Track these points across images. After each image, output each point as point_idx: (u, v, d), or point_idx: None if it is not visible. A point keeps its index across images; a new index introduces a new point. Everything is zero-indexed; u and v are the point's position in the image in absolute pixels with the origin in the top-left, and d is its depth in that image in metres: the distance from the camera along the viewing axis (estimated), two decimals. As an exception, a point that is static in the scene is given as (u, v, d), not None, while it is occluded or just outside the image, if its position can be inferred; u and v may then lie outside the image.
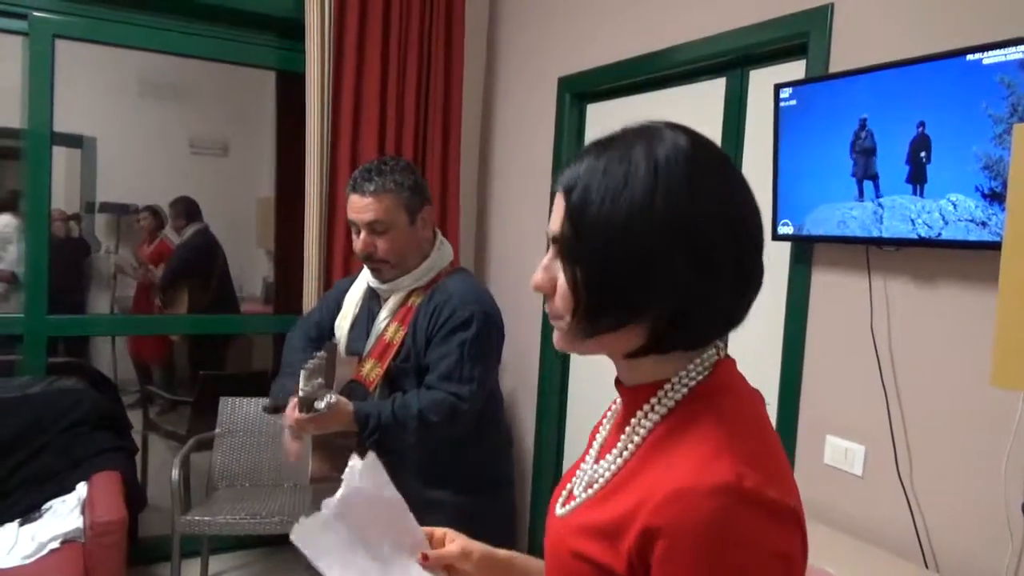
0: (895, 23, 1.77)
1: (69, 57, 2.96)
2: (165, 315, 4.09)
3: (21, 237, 3.07)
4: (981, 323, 1.58)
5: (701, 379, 0.73)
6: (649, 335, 0.72)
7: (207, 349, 4.03)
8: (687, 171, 0.69)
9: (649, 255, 0.68)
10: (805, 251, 1.98)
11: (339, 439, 1.78)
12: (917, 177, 1.61)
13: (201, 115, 4.26)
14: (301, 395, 1.60)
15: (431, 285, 1.85)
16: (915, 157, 1.61)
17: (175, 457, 2.78)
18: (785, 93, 1.90)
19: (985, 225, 1.49)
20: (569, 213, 0.72)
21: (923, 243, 1.62)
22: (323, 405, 1.61)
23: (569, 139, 2.88)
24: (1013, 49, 1.43)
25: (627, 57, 2.58)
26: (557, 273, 0.74)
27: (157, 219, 4.19)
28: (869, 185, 1.71)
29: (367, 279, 1.93)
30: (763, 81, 2.15)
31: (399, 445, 1.73)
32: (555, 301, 0.75)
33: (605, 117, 2.81)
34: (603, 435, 0.84)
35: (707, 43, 2.26)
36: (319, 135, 2.94)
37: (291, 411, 1.66)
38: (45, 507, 2.49)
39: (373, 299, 1.93)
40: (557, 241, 0.74)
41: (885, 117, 1.67)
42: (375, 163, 1.82)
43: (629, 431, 0.75)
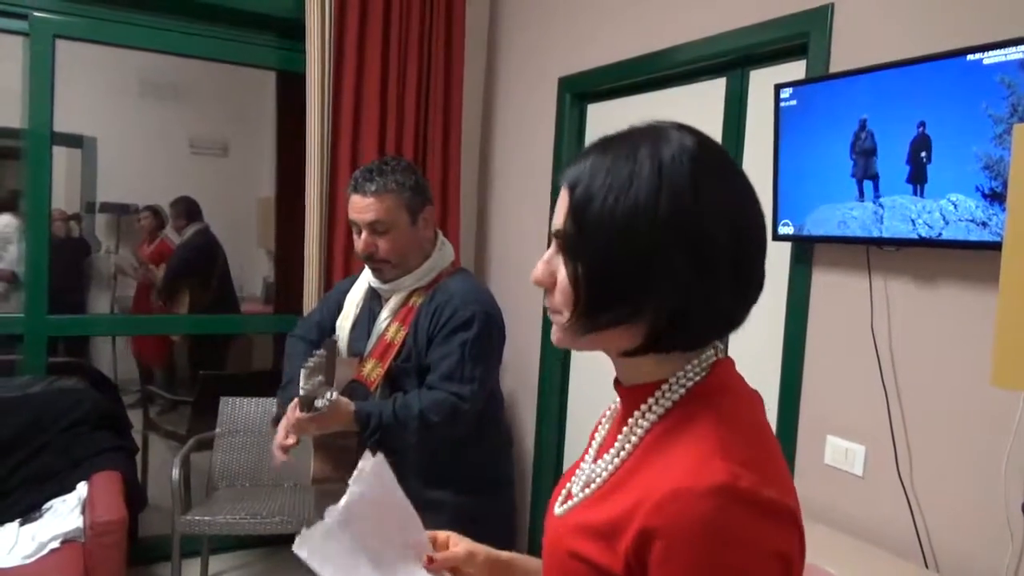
0: (895, 23, 1.77)
1: (69, 57, 2.96)
2: (165, 315, 4.09)
3: (21, 237, 3.07)
4: (981, 323, 1.58)
5: (699, 379, 0.74)
6: (648, 334, 0.72)
7: (207, 349, 4.02)
8: (692, 171, 0.69)
9: (650, 254, 0.68)
10: (805, 251, 1.98)
11: (340, 439, 1.78)
12: (917, 177, 1.61)
13: (201, 115, 4.26)
14: (302, 393, 1.59)
15: (432, 285, 1.85)
16: (915, 157, 1.61)
17: (175, 457, 2.78)
18: (785, 93, 1.90)
19: (985, 225, 1.49)
20: (573, 209, 0.72)
21: (923, 243, 1.62)
22: (323, 403, 1.61)
23: (569, 139, 2.88)
24: (1013, 49, 1.43)
25: (627, 57, 2.58)
26: (558, 268, 0.75)
27: (158, 219, 4.19)
28: (869, 185, 1.71)
29: (368, 279, 1.93)
30: (763, 81, 2.15)
31: (400, 445, 1.73)
32: (555, 295, 0.75)
33: (605, 117, 2.81)
34: (602, 435, 0.84)
35: (707, 43, 2.27)
36: (319, 135, 2.94)
37: (292, 411, 1.66)
38: (45, 507, 2.49)
39: (374, 299, 1.93)
40: (559, 236, 0.74)
41: (885, 117, 1.67)
42: (376, 163, 1.83)
43: (627, 431, 0.75)
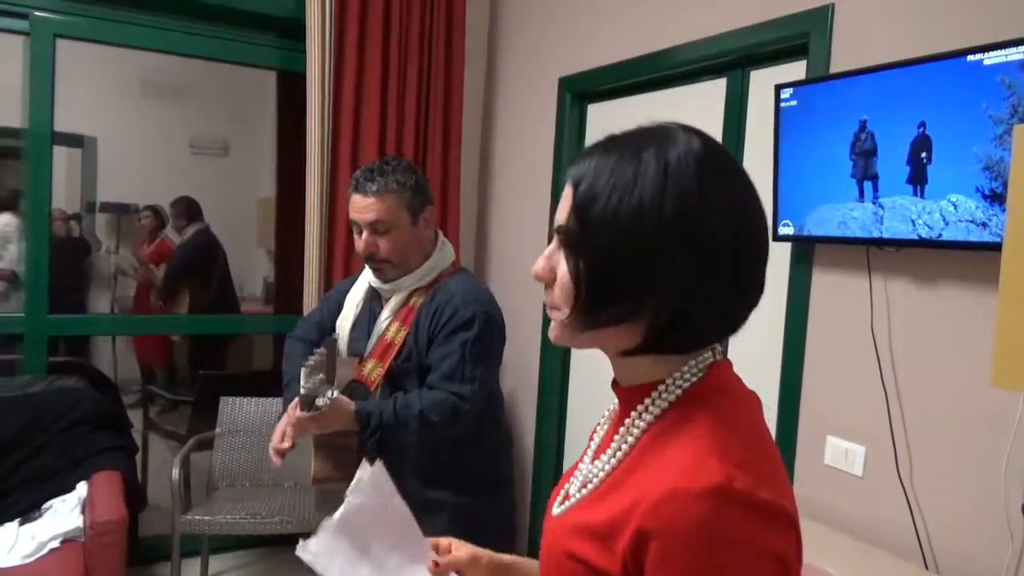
0: (896, 23, 1.77)
1: (70, 57, 2.96)
2: (165, 315, 4.09)
3: (22, 236, 3.07)
4: (981, 323, 1.58)
5: (696, 380, 0.74)
6: (647, 333, 0.72)
7: (207, 349, 4.03)
8: (697, 173, 0.69)
9: (653, 253, 0.68)
10: (806, 251, 1.98)
11: (340, 439, 1.78)
12: (918, 178, 1.61)
13: (202, 115, 4.27)
14: (302, 392, 1.59)
15: (433, 285, 1.85)
16: (916, 158, 1.61)
17: (175, 457, 2.78)
18: (786, 94, 1.90)
19: (985, 226, 1.49)
20: (576, 206, 0.72)
21: (923, 244, 1.62)
22: (324, 401, 1.60)
23: (570, 139, 2.88)
24: (1014, 50, 1.43)
25: (628, 57, 2.58)
26: (559, 263, 0.75)
27: (158, 219, 4.20)
28: (869, 186, 1.71)
29: (368, 279, 1.93)
30: (764, 81, 2.15)
31: (400, 445, 1.73)
32: (554, 291, 0.76)
33: (606, 117, 2.81)
34: (600, 435, 0.84)
35: (708, 43, 2.27)
36: (320, 135, 2.94)
37: (292, 410, 1.66)
38: (45, 506, 2.49)
39: (374, 299, 1.93)
40: (562, 232, 0.74)
41: (886, 117, 1.67)
42: (377, 163, 1.83)
43: (623, 431, 0.76)
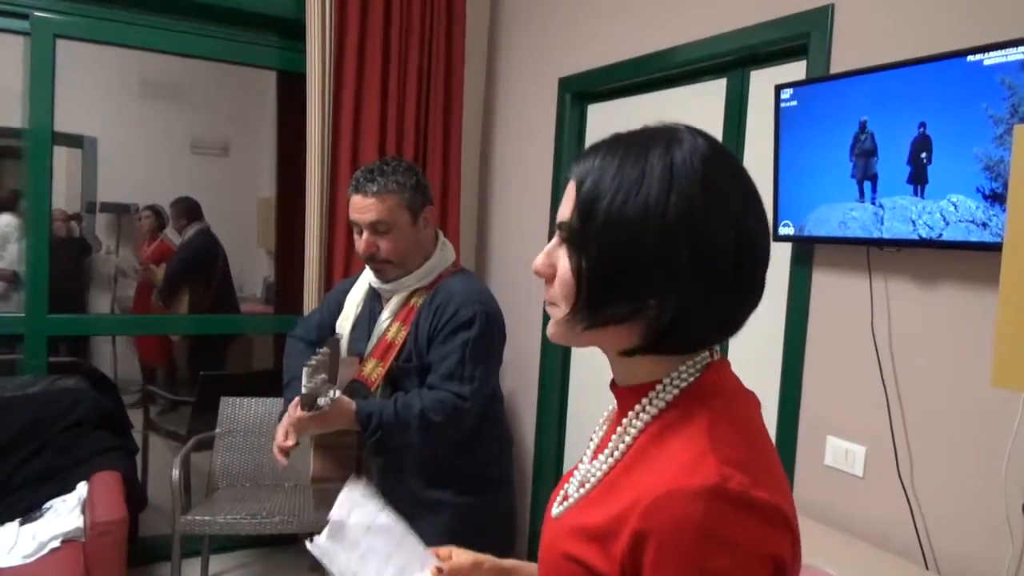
0: (896, 24, 1.78)
1: (70, 57, 2.96)
2: (165, 315, 4.09)
3: (22, 236, 3.07)
4: (981, 324, 1.58)
5: (693, 380, 0.74)
6: (646, 333, 0.72)
7: (208, 349, 4.02)
8: (703, 174, 0.69)
9: (655, 253, 0.68)
10: (806, 252, 1.98)
11: (340, 438, 1.78)
12: (918, 178, 1.61)
13: (202, 115, 4.26)
14: (304, 392, 1.59)
15: (433, 285, 1.85)
16: (916, 158, 1.61)
17: (175, 457, 2.78)
18: (786, 94, 1.90)
19: (986, 226, 1.49)
20: (579, 204, 0.72)
21: (924, 244, 1.62)
22: (326, 401, 1.60)
23: (570, 140, 2.88)
24: (1014, 50, 1.43)
25: (628, 57, 2.58)
26: (559, 260, 0.75)
27: (158, 219, 4.19)
28: (869, 186, 1.71)
29: (368, 279, 1.94)
30: (764, 82, 2.15)
31: (400, 445, 1.73)
32: (553, 287, 0.76)
33: (606, 117, 2.82)
34: (599, 436, 0.84)
35: (708, 43, 2.27)
36: (320, 135, 2.94)
37: (293, 409, 1.66)
38: (45, 506, 2.49)
39: (375, 299, 1.93)
40: (564, 229, 0.74)
41: (886, 118, 1.67)
42: (377, 163, 1.83)
43: (620, 431, 0.76)
